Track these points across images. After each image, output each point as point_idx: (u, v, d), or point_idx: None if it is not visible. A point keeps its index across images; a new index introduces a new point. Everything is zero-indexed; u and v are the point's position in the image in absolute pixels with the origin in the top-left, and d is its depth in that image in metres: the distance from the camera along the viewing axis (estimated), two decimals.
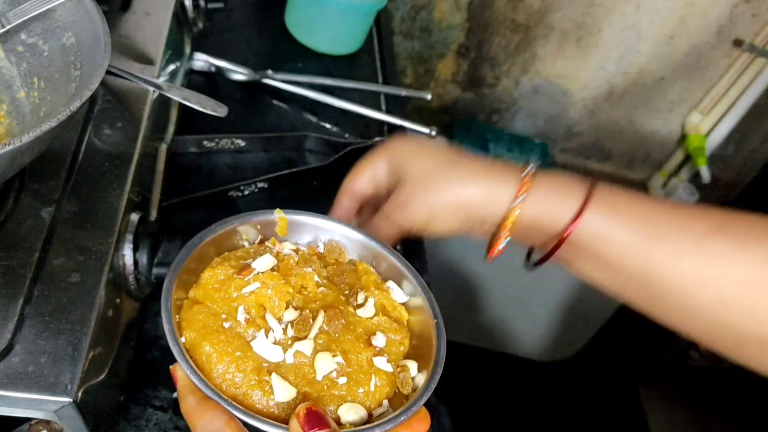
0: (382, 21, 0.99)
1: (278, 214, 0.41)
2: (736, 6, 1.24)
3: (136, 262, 0.41)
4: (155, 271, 0.42)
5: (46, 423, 0.36)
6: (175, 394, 0.51)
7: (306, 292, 0.38)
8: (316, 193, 0.71)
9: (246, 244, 0.41)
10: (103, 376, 0.38)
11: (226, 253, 0.39)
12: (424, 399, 0.34)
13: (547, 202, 0.43)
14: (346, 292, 0.39)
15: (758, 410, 1.34)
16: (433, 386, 0.35)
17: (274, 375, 0.33)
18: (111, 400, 0.42)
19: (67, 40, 0.41)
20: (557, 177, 0.44)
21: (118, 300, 0.41)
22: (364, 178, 0.48)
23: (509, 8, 1.25)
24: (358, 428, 0.32)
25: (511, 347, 1.66)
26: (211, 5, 0.69)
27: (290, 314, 0.36)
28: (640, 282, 0.43)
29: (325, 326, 0.36)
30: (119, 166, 0.44)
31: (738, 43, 1.30)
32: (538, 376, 1.66)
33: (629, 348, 1.58)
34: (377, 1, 0.86)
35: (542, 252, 0.45)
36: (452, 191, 0.44)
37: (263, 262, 0.37)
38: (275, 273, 0.37)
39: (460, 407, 0.51)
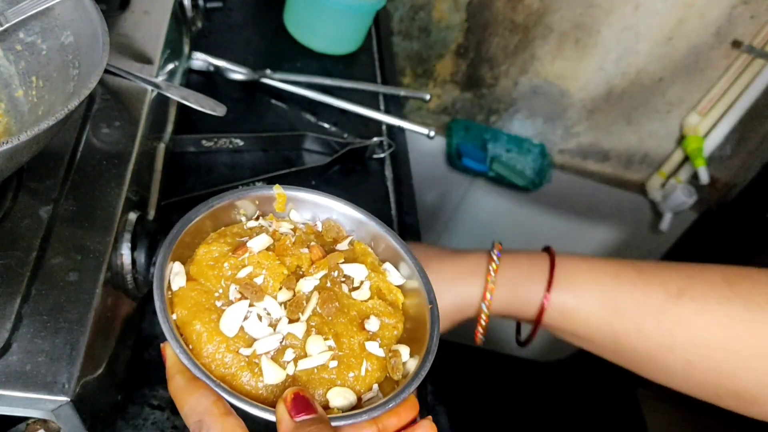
0: (381, 21, 0.99)
1: (277, 190, 0.41)
2: (735, 7, 1.24)
3: (134, 262, 0.41)
4: (153, 270, 0.42)
5: (44, 422, 0.36)
6: None
7: (301, 272, 0.37)
8: None
9: (244, 219, 0.40)
10: (100, 376, 0.38)
11: (223, 228, 0.39)
12: (414, 387, 0.34)
13: (514, 294, 0.48)
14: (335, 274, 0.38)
15: None
16: (424, 374, 0.35)
17: (263, 357, 0.33)
18: (108, 400, 0.42)
19: (66, 38, 0.41)
20: (519, 264, 0.48)
21: (115, 299, 0.41)
22: None
23: (508, 9, 1.25)
24: (345, 414, 0.32)
25: (508, 347, 1.66)
26: (209, 4, 0.69)
27: (284, 295, 0.35)
28: (611, 349, 0.47)
29: (318, 308, 0.35)
30: (117, 165, 0.43)
31: (737, 44, 1.30)
32: (535, 377, 1.66)
33: None
34: (376, 1, 0.86)
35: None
36: (443, 307, 0.47)
37: (259, 242, 0.37)
38: (270, 253, 0.37)
39: (457, 407, 0.51)
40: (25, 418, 0.36)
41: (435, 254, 0.50)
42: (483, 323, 0.48)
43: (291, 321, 0.34)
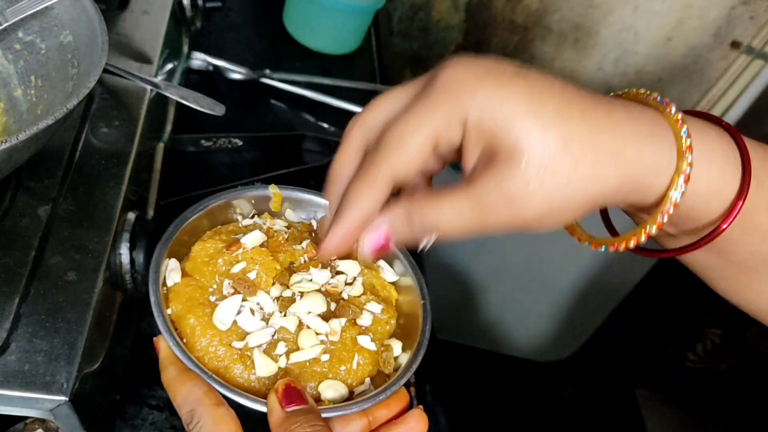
0: (380, 21, 0.99)
1: (273, 189, 0.41)
2: (734, 8, 1.25)
3: (132, 261, 0.41)
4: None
5: (42, 422, 0.36)
6: None
7: (294, 267, 0.38)
8: None
9: (240, 218, 0.40)
10: (99, 375, 0.38)
11: (219, 226, 0.39)
12: (404, 380, 0.34)
13: (707, 174, 0.31)
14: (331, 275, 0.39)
15: (754, 412, 1.35)
16: (415, 367, 0.35)
17: (255, 350, 0.33)
18: (107, 399, 0.42)
19: (65, 38, 0.41)
20: (709, 138, 0.32)
21: (114, 299, 0.41)
22: (416, 142, 0.31)
23: (507, 9, 1.25)
24: (336, 405, 0.33)
25: (508, 348, 1.66)
26: (209, 4, 0.69)
27: (277, 290, 0.36)
28: None
29: (310, 309, 0.35)
30: (116, 164, 0.43)
31: (736, 44, 1.30)
32: (534, 377, 1.66)
33: (626, 350, 1.58)
34: (375, 1, 0.86)
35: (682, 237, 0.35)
36: (593, 184, 0.30)
37: (252, 238, 0.37)
38: (264, 249, 0.37)
39: (456, 407, 0.51)
40: (24, 418, 0.36)
41: (584, 91, 0.32)
42: (671, 210, 0.31)
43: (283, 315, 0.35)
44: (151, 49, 0.52)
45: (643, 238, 0.32)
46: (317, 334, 0.34)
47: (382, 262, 0.41)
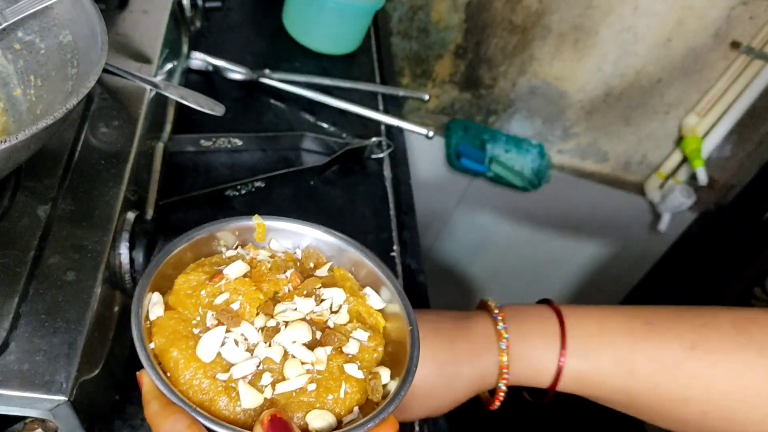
0: (379, 21, 0.99)
1: (256, 220, 0.41)
2: (734, 8, 1.25)
3: (132, 261, 0.41)
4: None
5: (41, 422, 0.36)
6: None
7: (278, 296, 0.37)
8: (313, 193, 0.71)
9: (224, 249, 0.40)
10: (98, 375, 0.38)
11: (202, 259, 0.39)
12: (393, 407, 0.34)
13: (528, 368, 0.47)
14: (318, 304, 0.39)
15: None
16: (404, 394, 0.35)
17: (240, 381, 0.33)
18: (106, 399, 0.42)
19: (64, 38, 0.41)
20: (530, 333, 0.48)
21: (113, 299, 0.41)
22: None
23: (507, 9, 1.25)
24: None
25: None
26: (208, 4, 0.69)
27: (261, 320, 0.35)
28: (626, 405, 0.47)
29: (295, 339, 0.35)
30: (116, 164, 0.43)
31: (735, 45, 1.30)
32: None
33: None
34: (375, 1, 0.86)
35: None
36: (449, 398, 0.49)
37: (235, 269, 0.37)
38: (247, 279, 0.37)
39: (456, 407, 0.51)
40: (23, 418, 0.36)
41: (440, 332, 0.49)
42: (501, 397, 0.49)
43: (268, 346, 0.35)
44: (150, 49, 0.52)
45: (497, 404, 0.50)
46: (303, 363, 0.34)
47: (368, 289, 0.40)
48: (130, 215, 0.42)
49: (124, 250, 0.41)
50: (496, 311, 0.48)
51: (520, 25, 1.28)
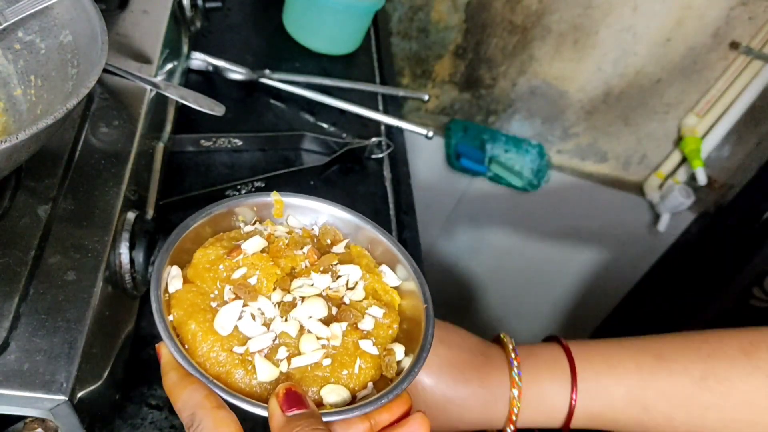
0: (379, 21, 0.99)
1: (275, 196, 0.41)
2: (733, 9, 1.25)
3: (132, 261, 0.41)
4: (151, 269, 0.42)
5: (41, 421, 0.36)
6: None
7: (295, 272, 0.38)
8: (313, 193, 0.71)
9: (242, 225, 0.41)
10: (98, 375, 0.38)
11: (221, 233, 0.39)
12: (407, 383, 0.34)
13: (538, 411, 0.47)
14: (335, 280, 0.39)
15: None
16: (418, 371, 0.35)
17: (257, 355, 0.33)
18: (106, 399, 0.42)
19: (65, 38, 0.41)
20: (540, 376, 0.48)
21: (114, 298, 0.41)
22: None
23: (507, 10, 1.25)
24: (337, 409, 0.33)
25: None
26: (208, 4, 0.69)
27: (278, 295, 0.36)
28: None
29: (311, 314, 0.35)
30: (116, 164, 0.43)
31: (734, 45, 1.30)
32: None
33: None
34: (375, 1, 0.86)
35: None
36: (453, 418, 0.48)
37: (253, 244, 0.37)
38: (265, 254, 0.37)
39: None
40: (23, 417, 0.36)
41: (455, 366, 0.49)
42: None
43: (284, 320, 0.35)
44: (151, 49, 0.52)
45: None
46: (318, 338, 0.34)
47: (384, 267, 0.41)
48: (131, 215, 0.43)
49: (124, 250, 0.41)
50: (513, 356, 0.48)
51: (520, 25, 1.28)
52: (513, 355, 0.48)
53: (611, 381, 0.46)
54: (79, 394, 0.34)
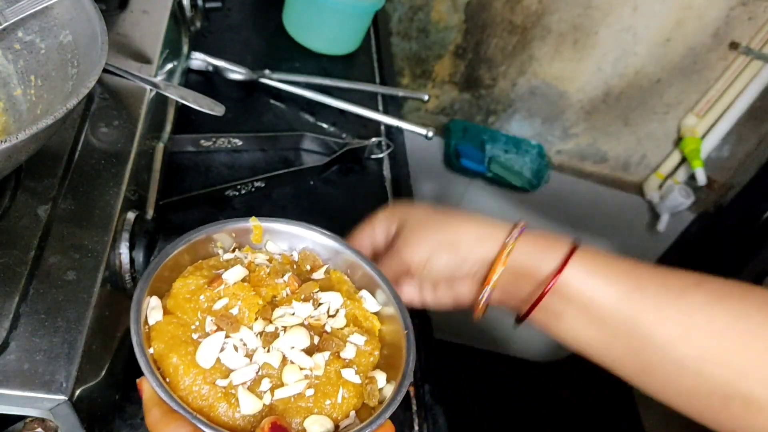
0: (379, 21, 0.99)
1: (253, 222, 0.41)
2: (733, 9, 1.25)
3: (132, 261, 0.41)
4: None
5: (41, 421, 0.36)
6: None
7: (276, 301, 0.38)
8: (313, 193, 0.71)
9: (221, 251, 0.40)
10: (98, 375, 0.38)
11: (200, 261, 0.39)
12: (389, 412, 0.34)
13: (533, 251, 0.46)
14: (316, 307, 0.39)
15: None
16: (400, 399, 0.35)
17: (240, 387, 0.33)
18: (106, 399, 0.42)
19: (65, 38, 0.41)
20: (544, 232, 0.47)
21: (113, 298, 0.41)
22: (366, 233, 0.51)
23: (506, 10, 1.25)
24: None
25: (507, 348, 1.66)
26: (208, 4, 0.69)
27: (260, 325, 0.35)
28: (624, 334, 0.44)
29: (293, 344, 0.35)
30: (116, 164, 0.43)
31: (734, 45, 1.30)
32: (533, 377, 1.66)
33: None
34: (375, 1, 0.86)
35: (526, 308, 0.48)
36: (449, 230, 0.48)
37: (234, 274, 0.37)
38: (246, 284, 0.37)
39: (455, 407, 0.51)
40: (23, 417, 0.36)
41: (451, 215, 0.49)
42: (501, 262, 0.46)
43: (266, 351, 0.35)
44: (150, 49, 0.52)
45: (495, 276, 0.47)
46: (301, 369, 0.34)
47: (364, 292, 0.41)
48: (130, 215, 0.43)
49: (124, 250, 0.41)
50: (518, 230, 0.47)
51: (520, 26, 1.28)
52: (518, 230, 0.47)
53: (608, 261, 0.45)
54: (79, 394, 0.34)
